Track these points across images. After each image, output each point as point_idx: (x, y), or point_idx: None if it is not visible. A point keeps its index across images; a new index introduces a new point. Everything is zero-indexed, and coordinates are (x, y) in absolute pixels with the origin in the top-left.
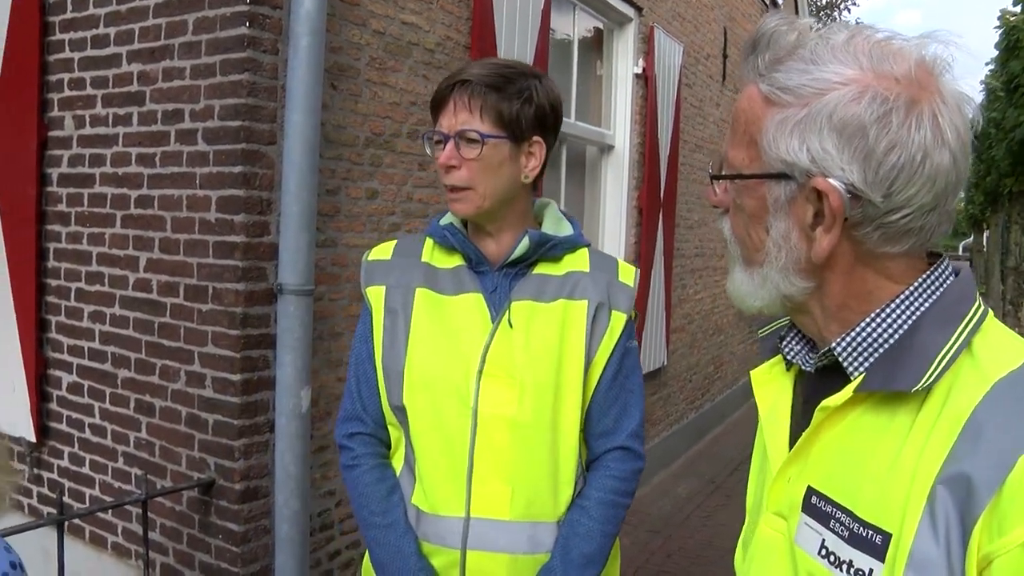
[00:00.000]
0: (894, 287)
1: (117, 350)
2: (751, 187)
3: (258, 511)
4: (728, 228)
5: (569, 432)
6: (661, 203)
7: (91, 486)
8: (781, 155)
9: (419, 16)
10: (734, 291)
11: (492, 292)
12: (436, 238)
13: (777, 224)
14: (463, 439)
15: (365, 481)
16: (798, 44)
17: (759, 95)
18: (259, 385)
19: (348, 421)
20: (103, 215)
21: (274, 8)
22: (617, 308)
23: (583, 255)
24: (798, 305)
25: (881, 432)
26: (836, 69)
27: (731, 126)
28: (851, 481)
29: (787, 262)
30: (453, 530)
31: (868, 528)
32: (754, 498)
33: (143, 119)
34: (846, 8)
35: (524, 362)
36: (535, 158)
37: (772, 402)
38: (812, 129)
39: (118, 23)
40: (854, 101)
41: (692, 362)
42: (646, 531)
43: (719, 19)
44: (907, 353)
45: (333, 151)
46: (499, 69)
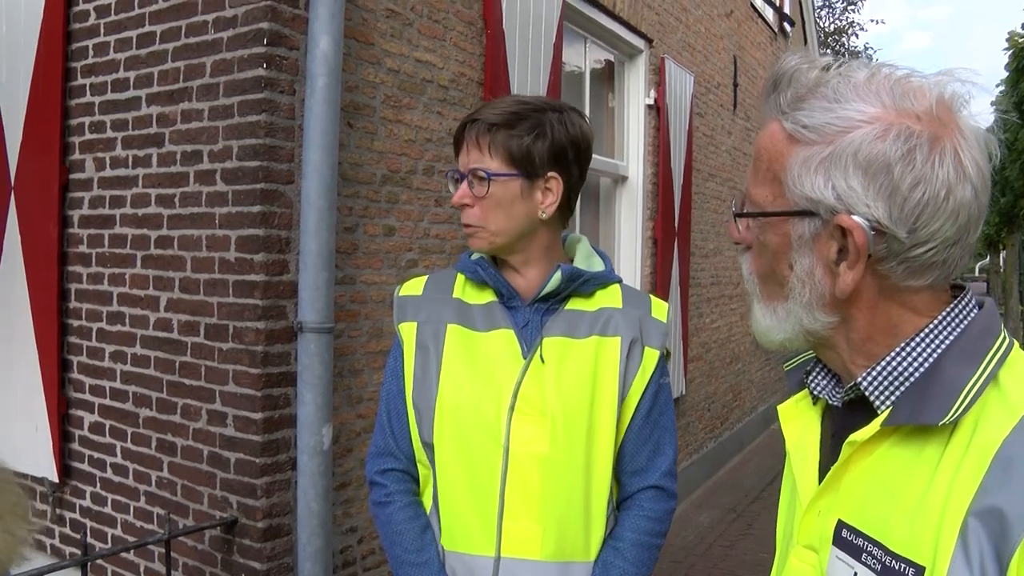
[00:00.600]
0: (919, 320)
1: (138, 389)
2: (775, 224)
3: (281, 549)
4: (748, 264)
5: (601, 470)
6: (676, 232)
7: (113, 526)
8: (806, 192)
9: (432, 54)
10: (756, 326)
11: (523, 327)
12: (467, 273)
13: (801, 260)
14: (494, 477)
15: (399, 519)
16: (819, 82)
17: (782, 133)
18: (280, 423)
19: (380, 457)
20: (123, 255)
21: (290, 49)
22: (650, 345)
23: (615, 291)
24: (822, 340)
25: (910, 465)
26: (859, 107)
27: (753, 163)
28: (882, 514)
29: (811, 297)
30: (484, 569)
31: (900, 561)
32: (784, 531)
33: (162, 160)
34: (854, 34)
35: (556, 399)
36: (552, 194)
37: (799, 436)
38: (837, 166)
39: (138, 67)
40: (879, 139)
41: (710, 391)
42: (669, 562)
43: (729, 48)
44: (934, 386)
45: (350, 189)
46: (511, 107)
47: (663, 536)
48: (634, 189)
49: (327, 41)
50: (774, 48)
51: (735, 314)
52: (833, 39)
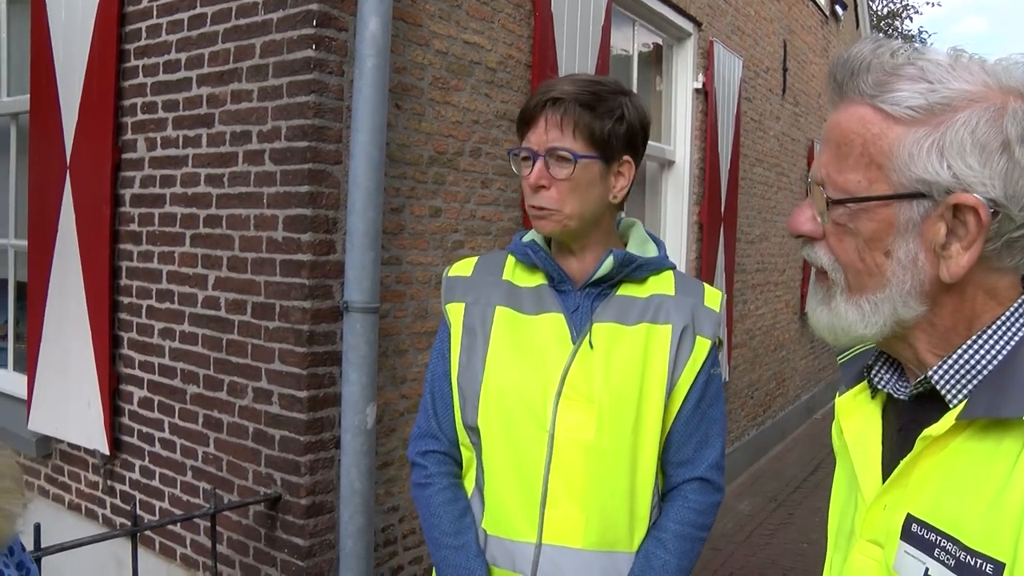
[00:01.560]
0: (997, 308)
1: (186, 366)
2: (871, 210)
3: (323, 526)
4: (827, 255)
5: (647, 460)
6: (722, 218)
7: (161, 499)
8: (919, 174)
9: (481, 35)
10: (836, 322)
11: (574, 312)
12: (518, 255)
13: (905, 246)
14: (538, 463)
15: (438, 501)
16: (898, 64)
17: (877, 115)
18: (325, 402)
19: (422, 438)
20: (173, 234)
21: (339, 31)
22: (702, 334)
23: (668, 277)
24: (906, 330)
25: (987, 460)
26: (960, 86)
27: (835, 149)
28: (957, 509)
29: (912, 285)
30: (525, 555)
31: (977, 557)
32: (841, 526)
33: (212, 140)
34: (908, 17)
35: (604, 386)
36: (624, 178)
37: (860, 430)
38: (953, 146)
39: (188, 48)
40: (996, 117)
41: (754, 378)
42: (708, 549)
43: (778, 32)
44: (1012, 378)
45: (397, 170)
46: (591, 87)
47: (707, 529)
48: (681, 174)
49: (376, 22)
50: (825, 32)
51: (780, 301)
52: (886, 23)
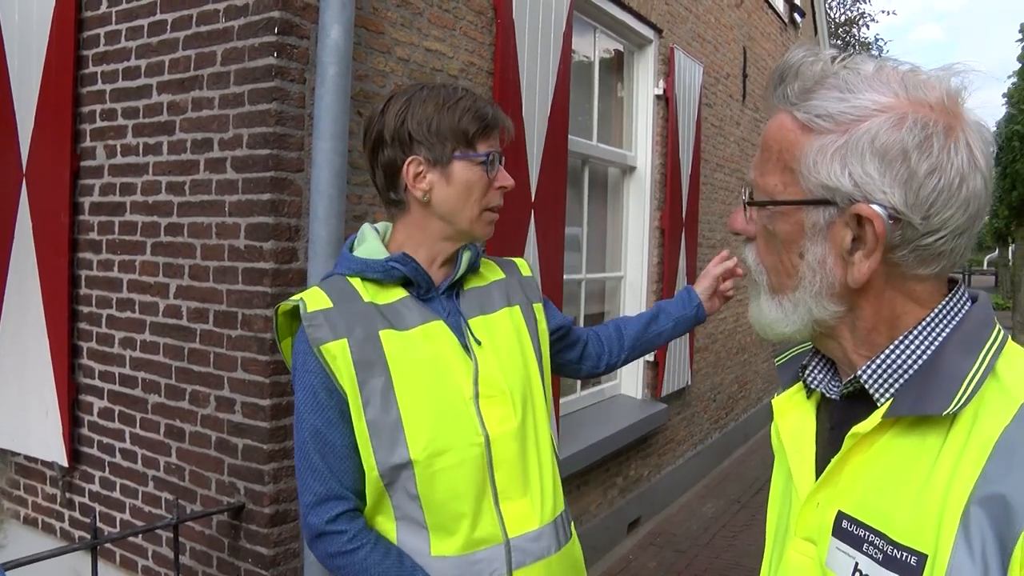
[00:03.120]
0: (920, 311)
1: (148, 375)
2: (787, 213)
3: (288, 534)
4: (754, 256)
5: (546, 428)
6: (683, 223)
7: (122, 510)
8: (822, 180)
9: (442, 43)
10: (761, 319)
11: (448, 316)
12: (375, 272)
13: (814, 249)
14: (481, 467)
15: (374, 560)
16: (826, 73)
17: (793, 123)
18: (288, 410)
19: (326, 503)
20: (134, 243)
21: (301, 38)
22: (535, 300)
23: (490, 262)
24: (828, 330)
25: (911, 456)
26: (872, 97)
27: (761, 153)
28: (883, 504)
29: (821, 287)
30: (498, 557)
31: (902, 550)
32: (778, 524)
33: (173, 148)
34: (865, 25)
35: (503, 373)
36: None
37: (795, 429)
38: (854, 154)
39: (148, 55)
40: (896, 127)
41: (716, 382)
42: (672, 551)
43: (738, 39)
44: (935, 377)
45: (360, 177)
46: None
47: None
48: (642, 179)
49: (338, 30)
50: (784, 39)
51: (741, 305)
52: (843, 30)
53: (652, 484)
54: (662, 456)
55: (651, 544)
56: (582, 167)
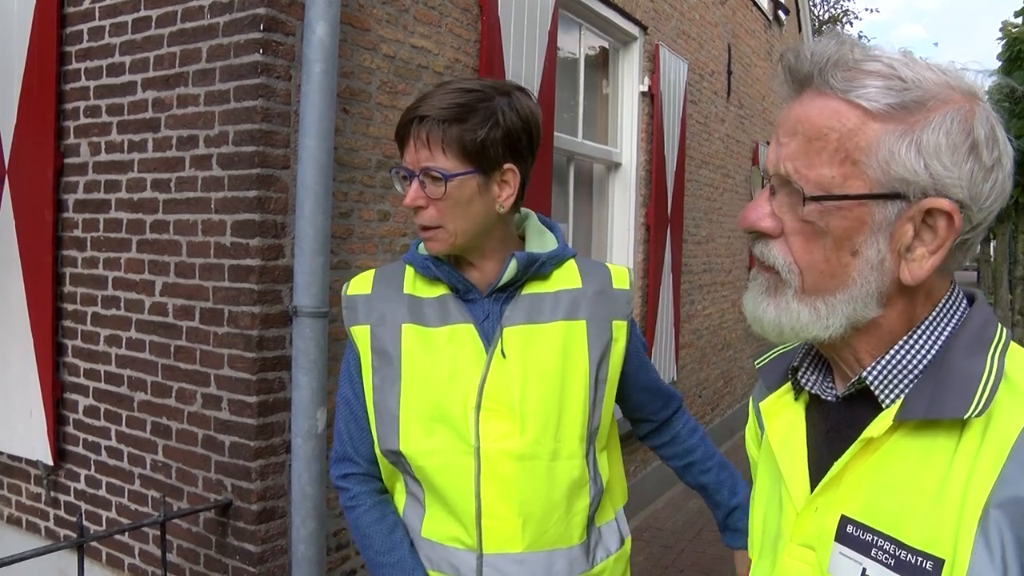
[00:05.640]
0: (929, 308)
1: (133, 373)
2: (846, 208)
3: (275, 531)
4: (783, 255)
5: (576, 456)
6: (668, 219)
7: (108, 508)
8: (899, 173)
9: (428, 40)
10: (786, 322)
11: (484, 320)
12: (417, 267)
13: (876, 246)
14: (467, 477)
15: (366, 521)
16: (861, 59)
17: (852, 110)
18: (275, 406)
19: (340, 463)
20: (119, 240)
21: (287, 35)
22: (617, 318)
23: (572, 268)
24: (854, 332)
25: (922, 459)
26: (931, 88)
27: (804, 143)
28: (894, 509)
29: (876, 286)
30: (468, 564)
31: (917, 555)
32: (765, 530)
33: (158, 145)
34: (848, 22)
35: (522, 392)
36: (509, 186)
37: (785, 433)
38: (930, 146)
39: (133, 52)
40: (967, 119)
41: (702, 377)
42: (659, 546)
43: (723, 36)
44: (947, 378)
45: (346, 174)
46: (458, 97)
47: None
48: (627, 176)
49: (323, 27)
50: (768, 36)
51: (727, 301)
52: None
53: (638, 480)
54: (648, 451)
55: (638, 539)
56: (567, 164)
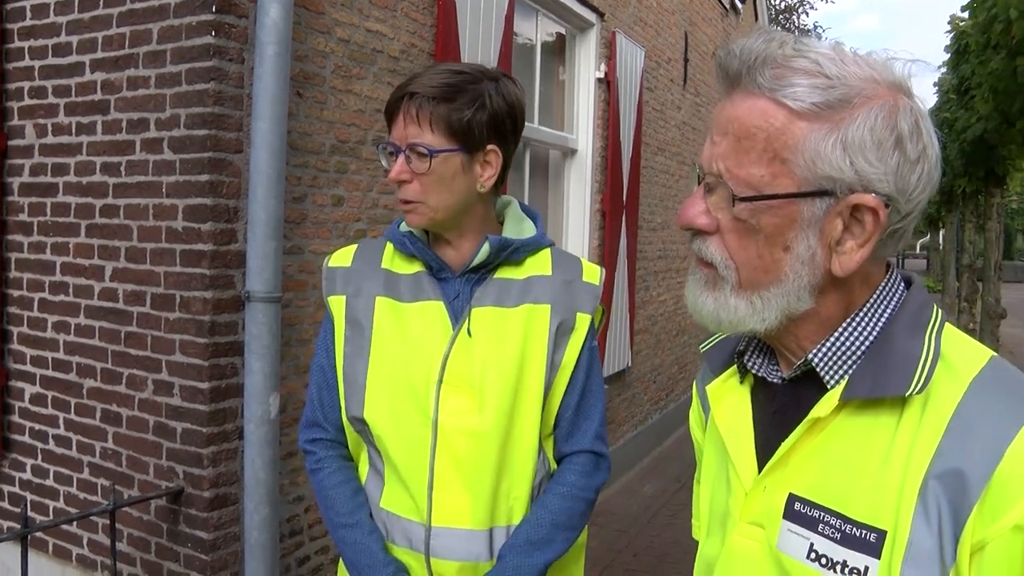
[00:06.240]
0: (868, 293)
1: (82, 360)
2: (777, 206)
3: (227, 518)
4: (720, 251)
5: (528, 438)
6: (624, 206)
7: (55, 498)
8: (826, 171)
9: (383, 24)
10: (724, 316)
11: (454, 299)
12: (396, 243)
13: (806, 241)
14: (423, 449)
15: (330, 484)
16: (792, 56)
17: (779, 109)
18: (227, 392)
19: (310, 427)
20: (67, 224)
21: (239, 17)
22: (581, 310)
23: (545, 256)
24: (792, 322)
25: (866, 436)
26: (856, 83)
27: (734, 142)
28: (839, 485)
29: (808, 280)
30: (418, 535)
31: (861, 528)
32: (712, 510)
33: (107, 128)
34: (804, 12)
35: (483, 371)
36: (491, 166)
37: (731, 415)
38: (854, 143)
39: (80, 31)
40: (890, 114)
41: (656, 363)
42: (613, 530)
43: (680, 23)
44: (888, 359)
45: (299, 158)
46: (449, 78)
47: (593, 491)
48: (583, 162)
49: (277, 10)
50: (725, 24)
51: (681, 287)
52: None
53: None
54: None
55: (592, 524)
56: (523, 150)
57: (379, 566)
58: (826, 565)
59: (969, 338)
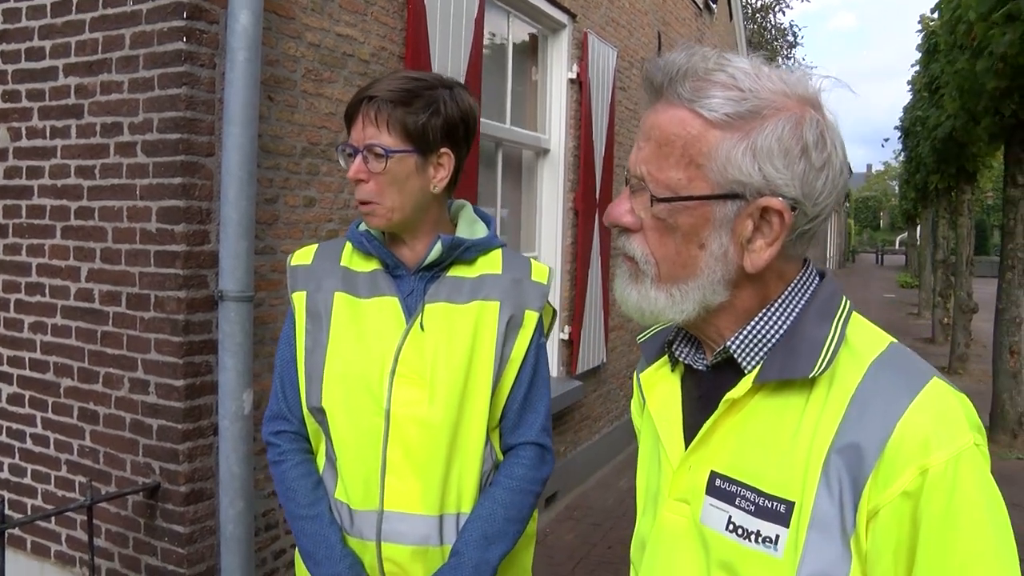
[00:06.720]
0: (779, 288)
1: (59, 360)
2: (692, 207)
3: (203, 512)
4: (641, 248)
5: (477, 428)
6: (597, 204)
7: (33, 496)
8: (735, 176)
9: (353, 28)
10: (646, 307)
11: (408, 295)
12: (354, 243)
13: (719, 240)
14: (376, 437)
15: (292, 476)
16: (713, 70)
17: (695, 118)
18: (202, 390)
19: (273, 420)
20: (42, 227)
21: (211, 23)
22: (530, 308)
23: (496, 256)
24: (711, 313)
25: (777, 416)
26: (768, 96)
27: (655, 148)
28: (754, 461)
29: (722, 275)
30: (369, 523)
31: (772, 500)
32: (647, 490)
33: (82, 132)
34: (780, 11)
35: (435, 363)
36: (444, 168)
37: (663, 400)
38: (763, 151)
39: (53, 36)
40: (797, 126)
41: (631, 360)
42: (589, 524)
43: (653, 23)
44: (797, 344)
45: (271, 161)
46: (406, 83)
47: (538, 483)
48: (556, 162)
49: (247, 16)
50: (699, 24)
51: None
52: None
53: (569, 460)
54: (578, 432)
55: (568, 518)
56: (496, 150)
57: (336, 558)
58: (742, 535)
59: (873, 326)
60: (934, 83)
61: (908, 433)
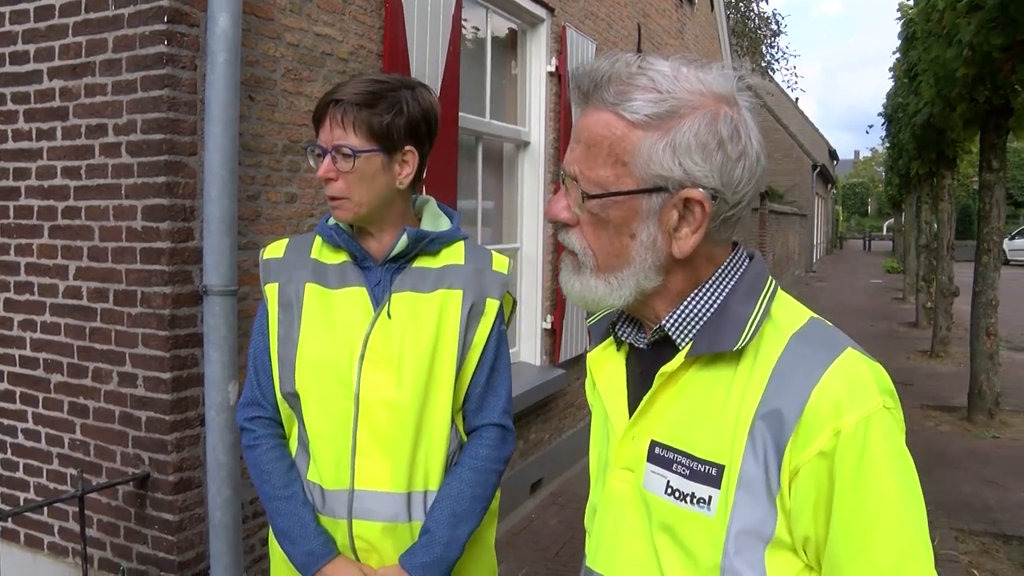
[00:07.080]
0: (710, 270)
1: (49, 356)
2: (621, 201)
3: (192, 501)
4: (579, 241)
5: (442, 410)
6: None
7: (25, 489)
8: (657, 171)
9: (332, 28)
10: (587, 295)
11: (376, 286)
12: (324, 236)
13: (647, 230)
14: (347, 420)
15: (266, 459)
16: (635, 75)
17: (620, 121)
18: (189, 382)
19: (248, 406)
20: (30, 226)
21: (191, 27)
22: (491, 296)
23: (459, 248)
24: (646, 296)
25: (709, 387)
26: (684, 96)
27: (585, 149)
28: (688, 430)
29: (652, 261)
30: (341, 502)
31: (705, 464)
32: (599, 460)
33: (67, 134)
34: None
35: (402, 349)
36: (408, 165)
37: (609, 378)
38: (682, 147)
39: (37, 40)
40: (712, 122)
41: None
42: (574, 509)
43: (632, 16)
44: (725, 321)
45: (252, 159)
46: (370, 86)
47: (501, 462)
48: (536, 154)
49: (226, 19)
50: (680, 15)
51: None
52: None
53: (553, 447)
54: (562, 420)
55: (553, 503)
56: (476, 143)
57: (311, 536)
58: (679, 498)
59: (797, 302)
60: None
61: (823, 398)
